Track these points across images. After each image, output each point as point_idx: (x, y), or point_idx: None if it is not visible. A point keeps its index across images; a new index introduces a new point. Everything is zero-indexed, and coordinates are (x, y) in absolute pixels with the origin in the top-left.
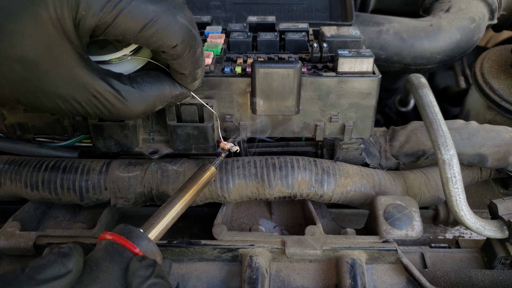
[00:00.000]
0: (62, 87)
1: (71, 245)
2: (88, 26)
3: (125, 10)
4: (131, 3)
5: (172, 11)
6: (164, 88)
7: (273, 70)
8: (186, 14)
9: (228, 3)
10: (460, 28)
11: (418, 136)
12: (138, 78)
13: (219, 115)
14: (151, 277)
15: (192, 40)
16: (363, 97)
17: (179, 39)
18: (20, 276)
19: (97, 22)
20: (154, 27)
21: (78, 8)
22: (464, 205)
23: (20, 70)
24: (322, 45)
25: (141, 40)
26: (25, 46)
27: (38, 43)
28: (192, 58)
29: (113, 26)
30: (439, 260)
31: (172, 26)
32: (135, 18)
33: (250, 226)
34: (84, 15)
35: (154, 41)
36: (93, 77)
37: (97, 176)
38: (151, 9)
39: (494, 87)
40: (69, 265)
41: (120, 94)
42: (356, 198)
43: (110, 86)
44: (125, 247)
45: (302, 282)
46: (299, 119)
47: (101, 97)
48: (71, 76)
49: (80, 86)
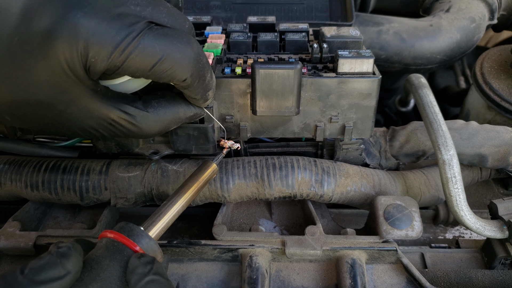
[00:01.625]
0: (80, 120)
1: (70, 245)
2: (98, 70)
3: (133, 54)
4: (138, 46)
5: (179, 47)
6: (179, 111)
7: (273, 71)
8: (193, 46)
9: (228, 3)
10: (460, 28)
11: (418, 136)
12: (154, 102)
13: (219, 115)
14: (149, 274)
15: (201, 70)
16: (363, 98)
17: (188, 73)
18: (19, 277)
19: (107, 67)
20: (163, 66)
21: (88, 56)
22: (464, 205)
23: (40, 110)
24: (322, 46)
25: (151, 77)
26: (40, 93)
27: (52, 89)
28: (202, 84)
29: (123, 68)
30: (439, 260)
31: (180, 62)
32: (143, 60)
33: (250, 226)
34: (93, 62)
35: (164, 77)
36: (108, 108)
37: (97, 176)
38: (158, 49)
39: (494, 87)
40: (68, 266)
41: (135, 119)
42: (356, 198)
43: (125, 113)
44: (125, 245)
45: (302, 282)
46: (299, 119)
47: (117, 124)
48: (87, 110)
49: (96, 117)
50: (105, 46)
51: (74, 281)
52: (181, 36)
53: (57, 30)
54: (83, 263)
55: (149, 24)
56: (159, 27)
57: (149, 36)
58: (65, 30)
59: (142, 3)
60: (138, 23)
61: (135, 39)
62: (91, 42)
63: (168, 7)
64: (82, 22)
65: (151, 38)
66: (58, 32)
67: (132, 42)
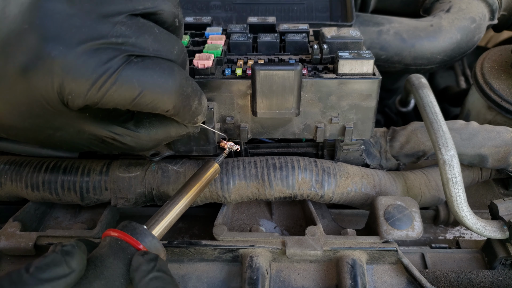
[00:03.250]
0: (71, 140)
1: (74, 243)
2: (77, 105)
3: (110, 90)
4: (115, 82)
5: (159, 80)
6: (170, 131)
7: (273, 72)
8: (175, 78)
9: (228, 3)
10: (460, 28)
11: (418, 136)
12: (145, 122)
13: (220, 117)
14: (153, 271)
15: (185, 100)
16: (363, 99)
17: (170, 105)
18: (24, 276)
19: (85, 103)
20: (142, 100)
21: (64, 93)
22: (465, 206)
23: (29, 133)
24: (323, 47)
25: (133, 109)
26: (25, 122)
27: (36, 119)
28: (189, 112)
29: (102, 104)
30: (440, 260)
31: (161, 95)
32: (122, 95)
33: (250, 226)
34: (70, 99)
35: (146, 109)
36: (98, 129)
37: (98, 176)
38: (137, 84)
39: (494, 87)
40: (73, 264)
41: (126, 139)
42: (357, 199)
43: (116, 134)
44: (129, 244)
45: (303, 282)
46: (299, 120)
47: (108, 143)
48: (76, 133)
49: (86, 137)
50: (81, 84)
51: (78, 279)
52: (163, 68)
53: (32, 68)
54: (87, 261)
55: (129, 58)
56: (140, 59)
57: (127, 72)
58: (39, 67)
59: (125, 33)
60: (116, 58)
61: (112, 76)
62: (66, 80)
63: (155, 33)
64: (57, 59)
65: (129, 73)
66: (33, 71)
67: (109, 79)
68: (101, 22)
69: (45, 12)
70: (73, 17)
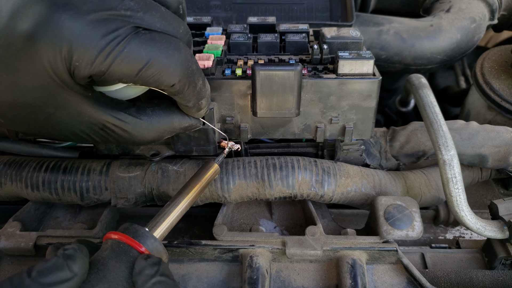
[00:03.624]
0: (70, 124)
1: (76, 247)
2: (83, 75)
3: (118, 59)
4: (123, 50)
5: (166, 52)
6: (173, 121)
7: (273, 72)
8: (181, 52)
9: (228, 3)
10: (460, 28)
11: (418, 136)
12: (148, 110)
13: (220, 117)
14: (156, 275)
15: (191, 76)
16: (363, 99)
17: (176, 78)
18: (26, 280)
19: (91, 72)
20: (149, 71)
21: (72, 60)
22: (465, 206)
23: (29, 113)
24: (323, 47)
25: (138, 82)
26: (27, 95)
27: (39, 92)
28: (193, 91)
29: (108, 73)
30: (440, 260)
31: (167, 67)
32: (129, 65)
33: (250, 226)
34: (77, 66)
35: (152, 82)
36: (100, 113)
37: (98, 176)
38: (144, 54)
39: (494, 87)
40: (75, 268)
41: (128, 126)
42: (357, 199)
43: (117, 119)
44: (131, 246)
45: (303, 282)
46: (299, 120)
47: (108, 130)
48: (77, 114)
49: (87, 121)
50: (89, 50)
51: (81, 283)
52: (169, 41)
53: (40, 33)
54: (89, 264)
55: (136, 29)
56: (147, 32)
57: (135, 41)
58: (48, 33)
59: (133, 7)
60: (124, 27)
61: (120, 44)
62: (74, 46)
63: (162, 11)
64: (66, 25)
65: (137, 43)
66: (41, 35)
67: (116, 47)
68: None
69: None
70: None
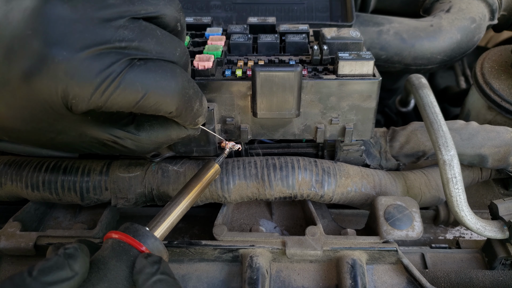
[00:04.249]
0: (72, 143)
1: (77, 246)
2: (80, 110)
3: (114, 94)
4: (119, 86)
5: (162, 83)
6: (171, 134)
7: (273, 73)
8: (178, 80)
9: (228, 3)
10: (460, 28)
11: (418, 136)
12: (146, 125)
13: (220, 118)
14: (157, 273)
15: (188, 102)
16: (363, 100)
17: (173, 107)
18: (27, 279)
19: (88, 107)
20: (146, 102)
21: (68, 98)
22: (465, 206)
23: (31, 136)
24: (323, 48)
25: (136, 111)
26: (27, 126)
27: (38, 123)
28: (190, 113)
29: (106, 107)
30: (440, 260)
31: (164, 98)
32: (125, 98)
33: (250, 226)
34: (74, 103)
35: (149, 111)
36: (99, 133)
37: (98, 176)
38: (140, 87)
39: (494, 88)
40: (76, 267)
41: (127, 143)
42: (357, 199)
43: (117, 137)
44: (131, 246)
45: (303, 282)
46: (299, 121)
47: (109, 146)
48: (78, 136)
49: (88, 140)
50: (84, 89)
51: (81, 282)
52: (165, 70)
53: (36, 73)
54: (90, 264)
55: (131, 61)
56: (142, 62)
57: (130, 75)
58: (43, 73)
59: (127, 37)
60: (119, 61)
61: (115, 80)
62: (70, 85)
63: (157, 36)
64: (60, 65)
65: (132, 77)
66: (36, 76)
67: (112, 83)
68: (104, 27)
69: (48, 18)
70: (76, 22)
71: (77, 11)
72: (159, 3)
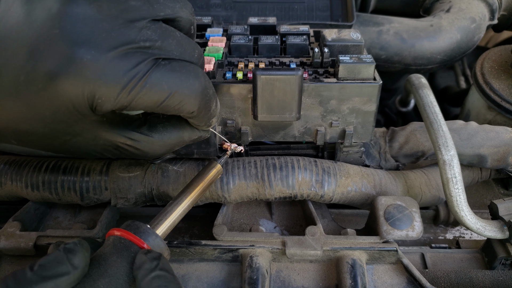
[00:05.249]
0: (85, 147)
1: (77, 241)
2: (105, 110)
3: (140, 93)
4: (145, 85)
5: (187, 82)
6: (184, 135)
7: (274, 77)
8: (201, 80)
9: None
10: (460, 28)
11: (417, 137)
12: (159, 126)
13: (221, 120)
14: (156, 269)
15: (207, 102)
16: (363, 103)
17: (195, 107)
18: (28, 274)
19: (113, 107)
20: (171, 101)
21: (94, 98)
22: (465, 206)
23: (45, 140)
24: (323, 50)
25: (159, 111)
26: (45, 127)
27: (57, 125)
28: (207, 114)
29: (131, 107)
30: (440, 260)
31: (188, 97)
32: (151, 98)
33: (250, 226)
34: (100, 103)
35: (172, 111)
36: (114, 135)
37: (98, 176)
38: (166, 86)
39: (494, 88)
40: (75, 261)
41: (140, 145)
42: (357, 198)
43: (131, 139)
44: (132, 242)
45: (303, 282)
46: (300, 124)
47: (122, 149)
48: (92, 139)
49: (102, 144)
50: (111, 88)
51: (81, 276)
52: (189, 70)
53: (63, 73)
54: (91, 260)
55: (156, 61)
56: (167, 62)
57: (156, 74)
58: (71, 73)
59: (151, 37)
60: (145, 61)
61: (142, 79)
62: (97, 85)
63: (177, 37)
64: (88, 65)
65: (158, 76)
66: (63, 75)
67: (139, 82)
68: (128, 27)
69: (75, 17)
70: (102, 21)
71: (102, 11)
72: (175, 6)
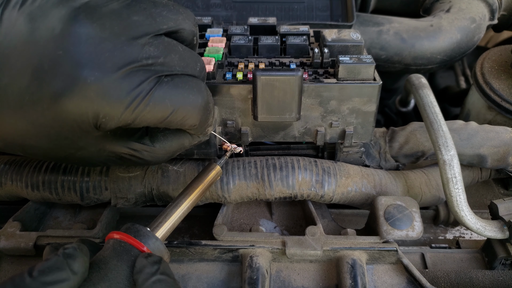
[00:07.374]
0: (90, 158)
1: (76, 246)
2: (109, 128)
3: (144, 112)
4: (148, 104)
5: (190, 98)
6: (184, 142)
7: (274, 78)
8: (203, 95)
9: (228, 2)
10: (460, 28)
11: (417, 137)
12: (160, 135)
13: (221, 120)
14: (156, 273)
15: (208, 115)
16: (363, 103)
17: (197, 121)
18: (27, 279)
19: (117, 125)
20: (174, 117)
21: (98, 117)
22: (465, 206)
23: (49, 153)
24: (323, 50)
25: (162, 126)
26: (50, 143)
27: (62, 141)
28: (205, 125)
29: (134, 124)
30: (440, 260)
31: (191, 113)
32: (155, 115)
33: (250, 226)
34: (104, 122)
35: (175, 126)
36: (117, 147)
37: (98, 176)
38: (169, 103)
39: (494, 87)
40: (75, 267)
41: (143, 154)
42: (357, 198)
43: (134, 150)
44: (132, 246)
45: (303, 282)
46: (300, 124)
47: (125, 159)
48: (97, 151)
49: (105, 155)
50: (115, 108)
51: (81, 281)
52: (191, 85)
53: (67, 94)
54: (91, 264)
55: (159, 78)
56: (169, 78)
57: (160, 92)
58: (75, 94)
59: (153, 54)
60: (148, 79)
61: (145, 98)
62: (101, 105)
63: (180, 51)
64: (92, 86)
65: (161, 93)
66: (68, 97)
67: (142, 101)
68: (131, 45)
69: (79, 38)
70: (105, 41)
71: (105, 29)
72: (178, 18)
